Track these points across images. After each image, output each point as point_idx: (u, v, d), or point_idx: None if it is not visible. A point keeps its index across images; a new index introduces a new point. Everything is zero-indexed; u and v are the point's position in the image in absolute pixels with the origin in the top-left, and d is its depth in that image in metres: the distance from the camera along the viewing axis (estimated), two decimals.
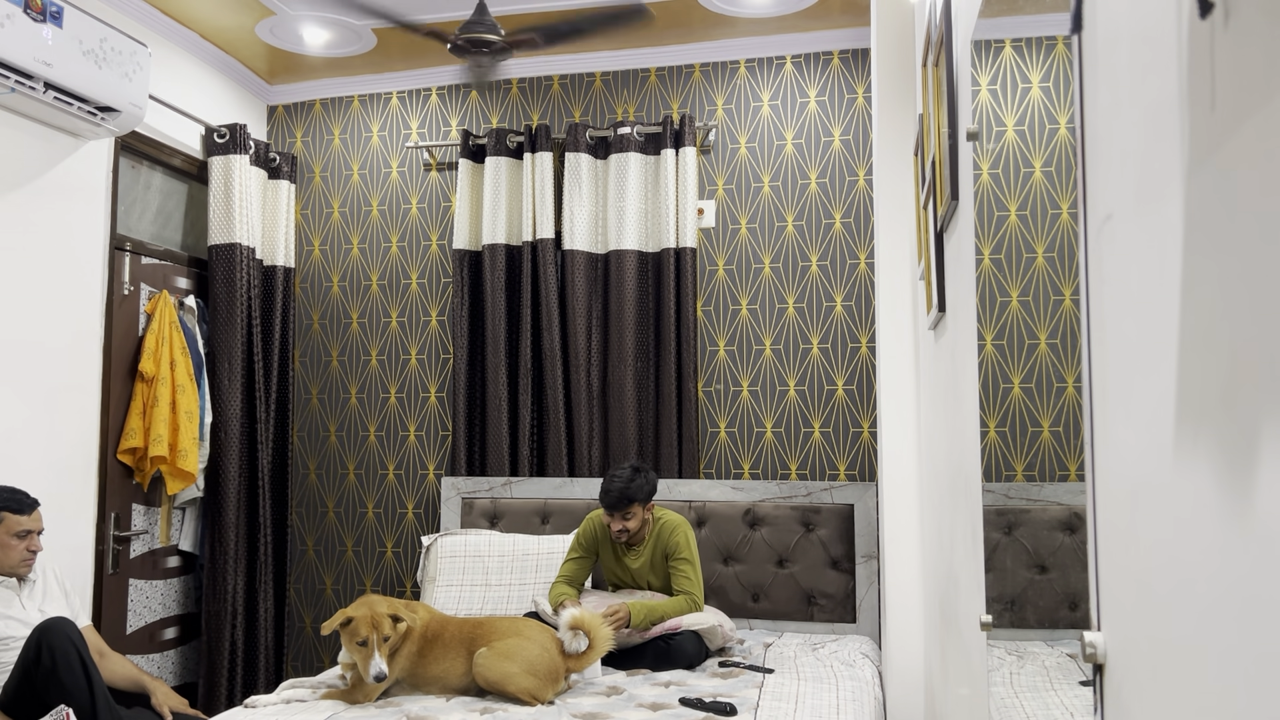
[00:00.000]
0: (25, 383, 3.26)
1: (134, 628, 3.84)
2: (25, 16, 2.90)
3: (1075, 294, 0.99)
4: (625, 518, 3.35)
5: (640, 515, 3.37)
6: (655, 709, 2.70)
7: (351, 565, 4.48)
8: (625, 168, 4.15)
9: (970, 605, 1.83)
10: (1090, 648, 0.87)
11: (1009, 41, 1.35)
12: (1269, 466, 0.51)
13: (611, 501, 3.31)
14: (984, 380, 1.57)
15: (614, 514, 3.35)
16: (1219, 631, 0.59)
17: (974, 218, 1.63)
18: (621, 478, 3.33)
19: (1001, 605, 1.44)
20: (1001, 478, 1.46)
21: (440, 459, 4.43)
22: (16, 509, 2.79)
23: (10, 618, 2.77)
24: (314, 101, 4.67)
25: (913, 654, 3.09)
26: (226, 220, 4.16)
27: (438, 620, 3.02)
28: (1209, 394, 0.60)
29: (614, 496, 3.31)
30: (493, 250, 4.22)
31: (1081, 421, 0.95)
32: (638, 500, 3.33)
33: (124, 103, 3.31)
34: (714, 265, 4.20)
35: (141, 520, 3.90)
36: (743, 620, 3.84)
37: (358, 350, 4.55)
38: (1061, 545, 1.14)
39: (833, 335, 4.09)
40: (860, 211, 4.09)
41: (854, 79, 4.13)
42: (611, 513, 3.35)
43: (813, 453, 4.08)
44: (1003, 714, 1.40)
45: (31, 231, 3.29)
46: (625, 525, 3.35)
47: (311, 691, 2.89)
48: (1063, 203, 1.08)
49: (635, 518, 3.36)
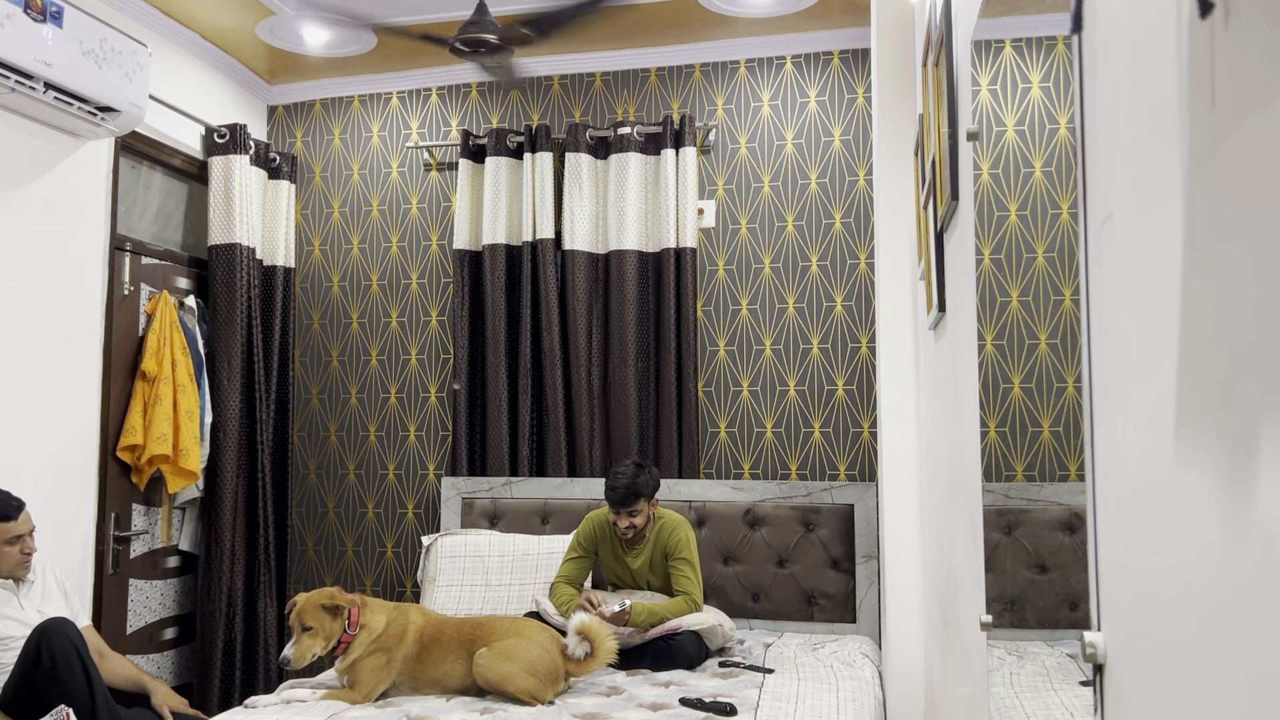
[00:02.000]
0: (25, 382, 3.26)
1: (134, 628, 3.84)
2: (25, 16, 2.90)
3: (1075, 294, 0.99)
4: (632, 514, 3.35)
5: (646, 511, 3.38)
6: (655, 709, 2.70)
7: (351, 565, 4.48)
8: (625, 168, 4.15)
9: (970, 605, 1.83)
10: (1090, 648, 0.87)
11: (1009, 41, 1.35)
12: (1269, 466, 0.51)
13: (618, 498, 3.32)
14: (984, 380, 1.57)
15: (620, 510, 3.35)
16: (1219, 631, 0.59)
17: (974, 218, 1.63)
18: (626, 474, 3.33)
19: (1001, 605, 1.44)
20: (1001, 478, 1.46)
21: (440, 459, 4.43)
22: (3, 515, 2.75)
23: (10, 618, 2.77)
24: (314, 101, 4.68)
25: (913, 654, 3.09)
26: (226, 220, 4.16)
27: (435, 622, 3.01)
28: (1209, 394, 0.60)
29: (620, 493, 3.31)
30: (493, 250, 4.22)
31: (1081, 421, 0.95)
32: (644, 495, 3.34)
33: (124, 103, 3.31)
34: (714, 265, 4.20)
35: (141, 520, 3.90)
36: (743, 620, 3.84)
37: (358, 350, 4.55)
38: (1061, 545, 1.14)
39: (833, 335, 4.09)
40: (860, 211, 4.09)
41: (854, 79, 4.13)
42: (618, 509, 3.35)
43: (813, 453, 4.08)
44: (1003, 714, 1.40)
45: (31, 231, 3.29)
46: (632, 522, 3.35)
47: (311, 692, 2.89)
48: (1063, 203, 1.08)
49: (641, 513, 3.36)
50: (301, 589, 4.52)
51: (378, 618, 2.93)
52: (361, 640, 2.89)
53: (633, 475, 3.32)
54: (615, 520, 3.38)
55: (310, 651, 2.82)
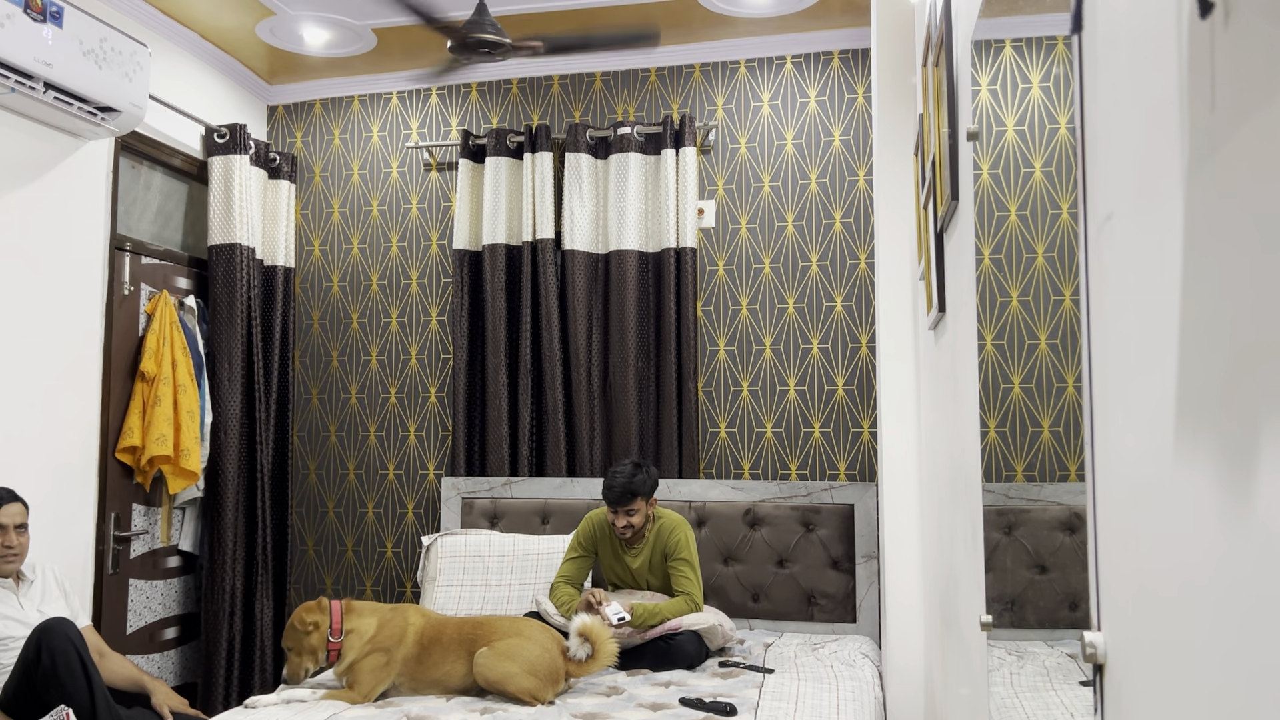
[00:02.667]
0: (25, 383, 3.26)
1: (134, 628, 3.84)
2: (25, 16, 2.90)
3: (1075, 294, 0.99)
4: (630, 513, 3.34)
5: (644, 510, 3.37)
6: (655, 709, 2.70)
7: (351, 565, 4.48)
8: (625, 168, 4.15)
9: (970, 605, 1.83)
10: (1090, 648, 0.87)
11: (1009, 41, 1.35)
12: (1269, 466, 0.51)
13: (615, 496, 3.31)
14: (984, 380, 1.57)
15: (618, 509, 3.34)
16: (1219, 631, 0.59)
17: (974, 218, 1.63)
18: (624, 473, 3.33)
19: (1001, 605, 1.44)
20: (1001, 478, 1.46)
21: (440, 459, 4.43)
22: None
23: (9, 618, 2.77)
24: (314, 101, 4.67)
25: (913, 654, 3.09)
26: (226, 220, 4.16)
27: (435, 622, 3.01)
28: (1209, 394, 0.60)
29: (617, 491, 3.31)
30: (493, 250, 4.22)
31: (1081, 421, 0.95)
32: (641, 494, 3.33)
33: (124, 103, 3.31)
34: (714, 265, 4.20)
35: (141, 520, 3.89)
36: (743, 620, 3.84)
37: (358, 350, 4.55)
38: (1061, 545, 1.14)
39: (833, 335, 4.09)
40: (860, 211, 4.09)
41: (854, 79, 4.13)
42: (616, 508, 3.35)
43: (813, 453, 4.08)
44: (1003, 714, 1.40)
45: (31, 231, 3.29)
46: (630, 521, 3.35)
47: (311, 692, 2.89)
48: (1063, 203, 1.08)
49: (639, 513, 3.36)
50: (301, 589, 4.53)
51: (366, 620, 2.95)
52: (352, 644, 2.90)
53: (630, 474, 3.32)
54: (614, 520, 3.38)
55: (301, 669, 2.92)
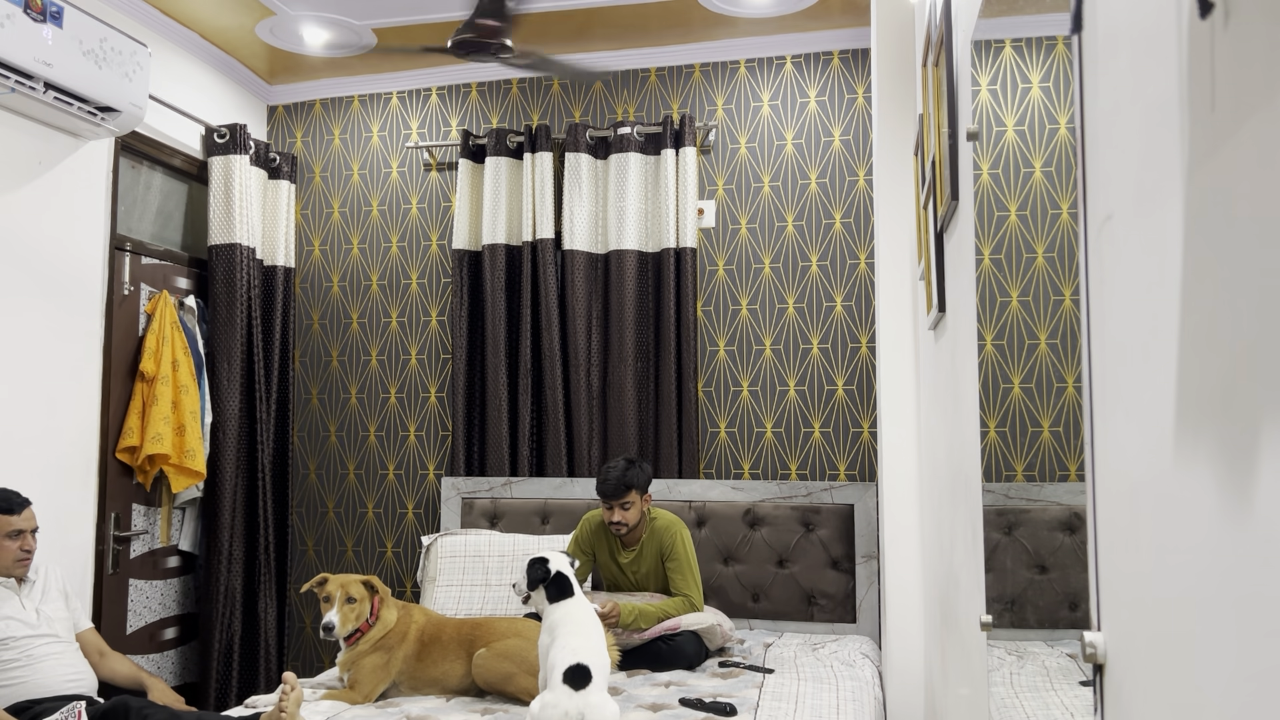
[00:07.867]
0: (25, 383, 3.26)
1: (134, 628, 3.84)
2: (25, 16, 2.90)
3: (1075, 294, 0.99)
4: (624, 507, 3.32)
5: (638, 506, 3.35)
6: (655, 709, 2.70)
7: (352, 565, 4.48)
8: (625, 168, 4.15)
9: (970, 605, 1.83)
10: (1090, 648, 0.87)
11: (1009, 41, 1.35)
12: (1269, 466, 0.51)
13: (609, 489, 3.30)
14: (984, 380, 1.57)
15: (612, 504, 3.33)
16: (1219, 631, 0.59)
17: (974, 218, 1.63)
18: (618, 467, 3.32)
19: (1001, 605, 1.44)
20: (1001, 478, 1.46)
21: (440, 459, 4.43)
22: (6, 509, 2.77)
23: (11, 618, 2.77)
24: (314, 101, 4.67)
25: (913, 654, 3.09)
26: (226, 220, 4.16)
27: (435, 622, 3.02)
28: (1209, 394, 0.60)
29: (611, 484, 3.29)
30: (493, 250, 4.22)
31: (1081, 421, 0.95)
32: (635, 487, 3.31)
33: (124, 103, 3.31)
34: (714, 265, 4.20)
35: (141, 520, 3.89)
36: (743, 620, 3.84)
37: (358, 350, 4.55)
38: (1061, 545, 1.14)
39: (833, 335, 4.09)
40: (860, 211, 4.09)
41: (854, 79, 4.13)
42: (610, 502, 3.33)
43: (813, 453, 4.08)
44: (1003, 714, 1.40)
45: (31, 232, 3.29)
46: (624, 516, 3.33)
47: (311, 692, 2.89)
48: (1063, 203, 1.08)
49: (633, 507, 3.33)
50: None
51: (391, 614, 3.00)
52: (374, 634, 2.94)
53: (623, 469, 3.31)
54: (608, 516, 3.36)
55: (348, 624, 2.91)
